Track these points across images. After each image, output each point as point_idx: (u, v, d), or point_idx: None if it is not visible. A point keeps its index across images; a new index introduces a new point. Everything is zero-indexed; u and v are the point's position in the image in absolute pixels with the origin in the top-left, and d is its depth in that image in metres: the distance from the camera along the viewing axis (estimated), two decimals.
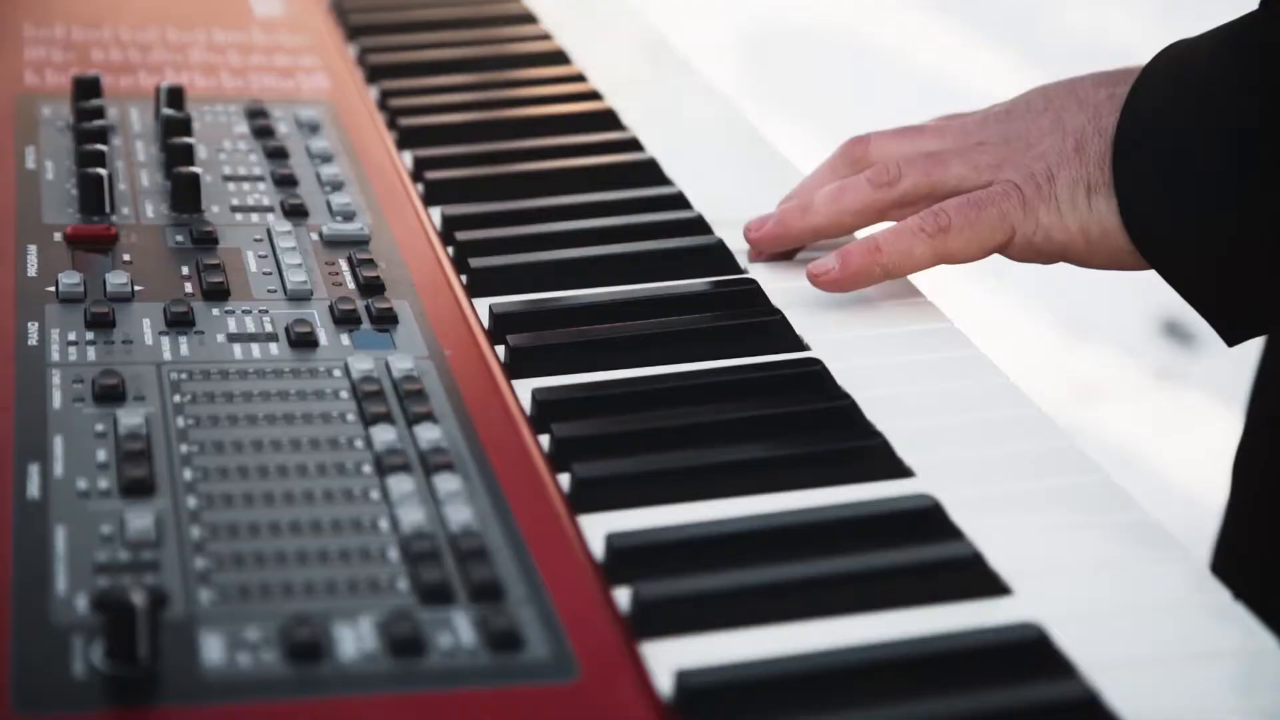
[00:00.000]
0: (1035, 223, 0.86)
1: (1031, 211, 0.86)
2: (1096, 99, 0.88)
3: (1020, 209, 0.86)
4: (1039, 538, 0.70)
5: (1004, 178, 0.87)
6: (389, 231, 0.94)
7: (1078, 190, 0.86)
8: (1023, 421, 0.80)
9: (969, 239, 0.86)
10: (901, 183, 0.89)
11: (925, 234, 0.86)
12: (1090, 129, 0.87)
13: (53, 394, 0.75)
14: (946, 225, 0.86)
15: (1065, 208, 0.86)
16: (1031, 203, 0.86)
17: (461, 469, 0.72)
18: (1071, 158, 0.86)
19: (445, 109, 1.14)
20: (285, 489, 0.70)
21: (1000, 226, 0.86)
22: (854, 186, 0.90)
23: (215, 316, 0.83)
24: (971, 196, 0.87)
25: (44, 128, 1.03)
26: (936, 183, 0.89)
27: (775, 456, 0.75)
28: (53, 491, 0.68)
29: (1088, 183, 0.86)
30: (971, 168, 0.89)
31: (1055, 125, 0.88)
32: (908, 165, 0.89)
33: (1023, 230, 0.87)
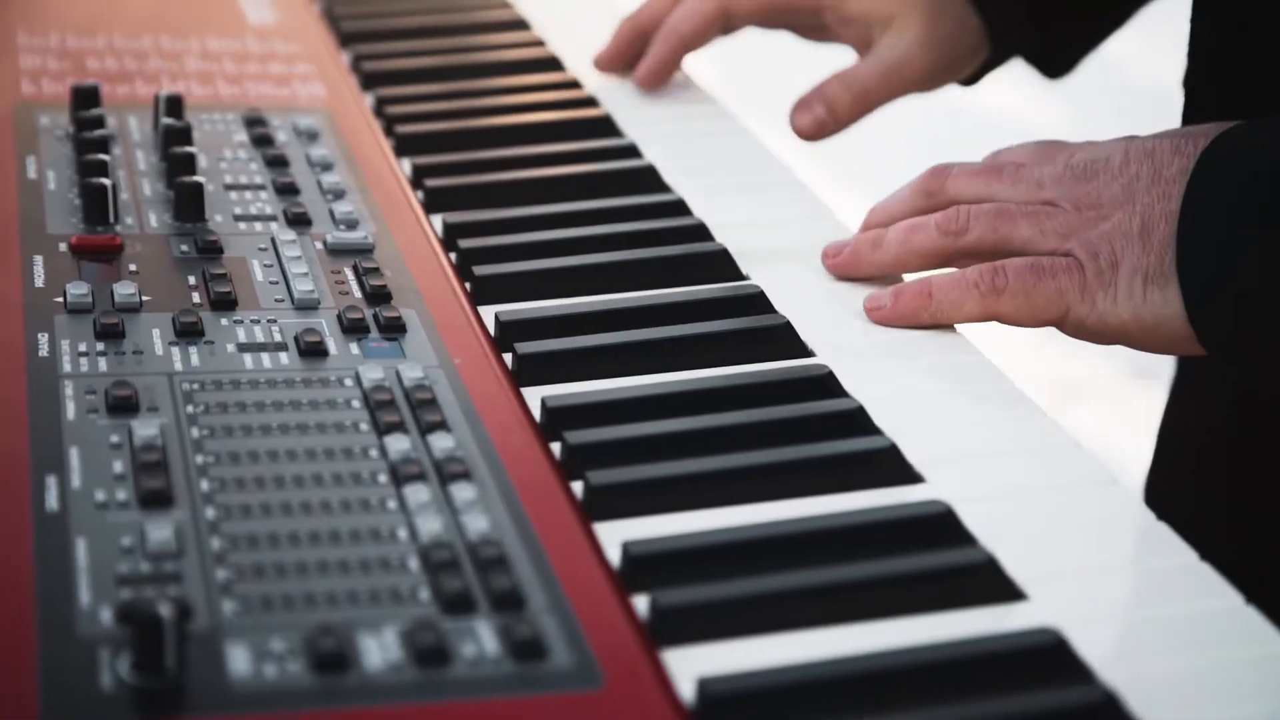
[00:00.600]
0: (1091, 306, 0.86)
1: (1090, 295, 0.86)
2: (1170, 172, 0.86)
3: (1079, 291, 0.86)
4: (1050, 542, 0.71)
5: (1070, 249, 0.86)
6: (392, 240, 0.94)
7: (1136, 279, 0.85)
8: (1027, 424, 0.80)
9: (1021, 306, 0.86)
10: (969, 235, 0.90)
11: (979, 291, 0.87)
12: (1158, 210, 0.85)
13: (66, 405, 0.75)
14: (1003, 287, 0.86)
15: (1122, 296, 0.85)
16: (1091, 286, 0.85)
17: (477, 478, 0.72)
18: (1136, 242, 0.85)
19: (441, 116, 1.15)
20: (302, 499, 0.70)
21: (1056, 303, 0.86)
22: (924, 229, 0.91)
23: (224, 326, 0.83)
24: (1035, 263, 0.87)
25: (43, 137, 1.03)
26: (1003, 240, 0.89)
27: (786, 462, 0.75)
28: (71, 503, 0.69)
29: (1146, 272, 0.84)
30: (1039, 231, 0.88)
31: (1127, 197, 0.86)
32: (977, 217, 0.90)
33: (1076, 311, 0.86)
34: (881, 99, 1.14)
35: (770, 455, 0.76)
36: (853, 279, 0.94)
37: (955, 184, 0.94)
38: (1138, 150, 0.88)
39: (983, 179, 0.93)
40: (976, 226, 0.90)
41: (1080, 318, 0.86)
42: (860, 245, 0.93)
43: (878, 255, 0.92)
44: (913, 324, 0.89)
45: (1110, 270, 0.85)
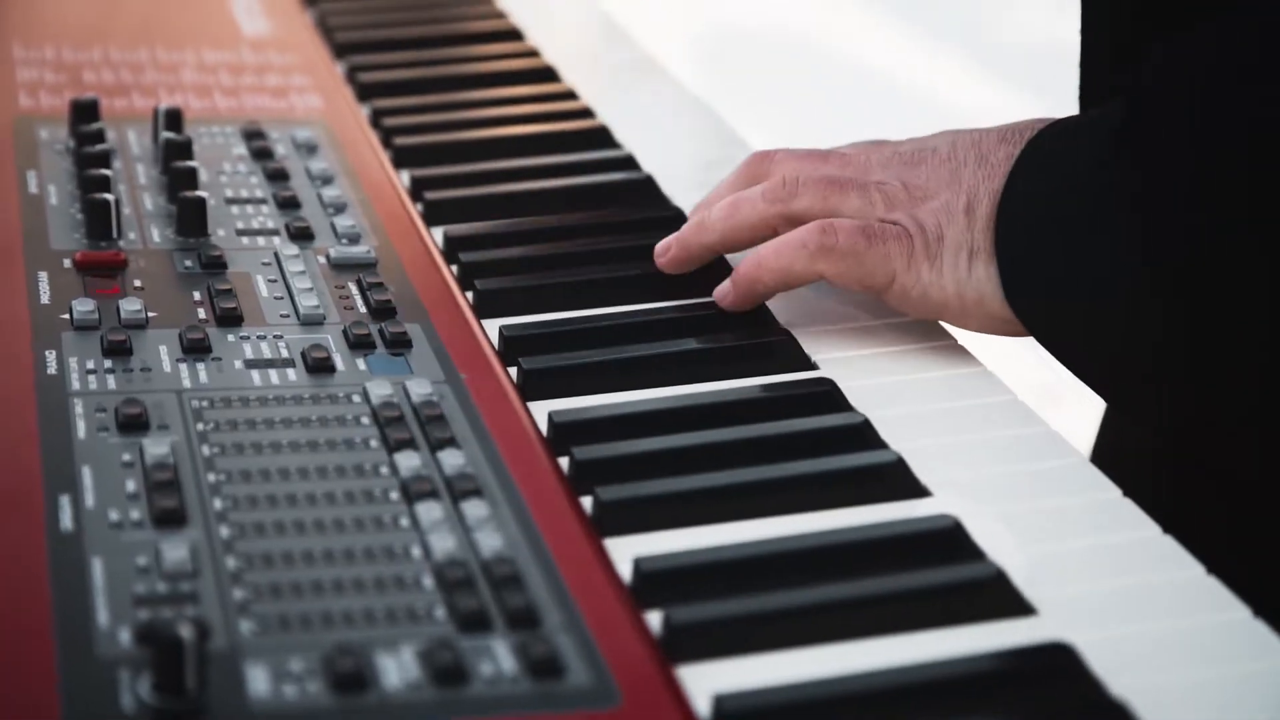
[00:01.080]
0: (916, 277, 0.86)
1: (916, 266, 0.86)
2: (996, 158, 0.87)
3: (906, 259, 0.86)
4: (1057, 554, 0.71)
5: (899, 219, 0.87)
6: (394, 253, 0.94)
7: (960, 253, 0.86)
8: (1033, 439, 0.81)
9: (850, 267, 0.86)
10: (796, 201, 0.89)
11: (808, 250, 0.86)
12: (983, 189, 0.86)
13: (77, 424, 0.76)
14: (833, 246, 0.86)
15: (947, 269, 0.86)
16: (918, 257, 0.86)
17: (488, 494, 0.73)
18: (960, 217, 0.86)
19: (439, 128, 1.15)
20: (315, 517, 0.70)
21: (884, 268, 0.86)
22: (749, 200, 0.90)
23: (231, 343, 0.84)
24: (867, 225, 0.87)
25: (43, 151, 1.04)
26: (831, 207, 0.88)
27: (794, 476, 0.76)
28: (86, 523, 0.69)
29: (970, 248, 0.85)
30: (868, 202, 0.88)
31: (954, 179, 0.87)
32: (805, 185, 0.89)
33: (902, 280, 0.86)
34: None
35: (778, 470, 0.76)
36: (689, 270, 0.92)
37: (781, 164, 0.93)
38: (964, 140, 0.89)
39: (812, 160, 0.92)
40: (805, 193, 0.89)
41: (905, 287, 0.87)
42: (685, 233, 0.92)
43: (704, 237, 0.91)
44: (755, 299, 0.88)
45: (936, 243, 0.86)
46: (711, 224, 0.91)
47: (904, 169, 0.90)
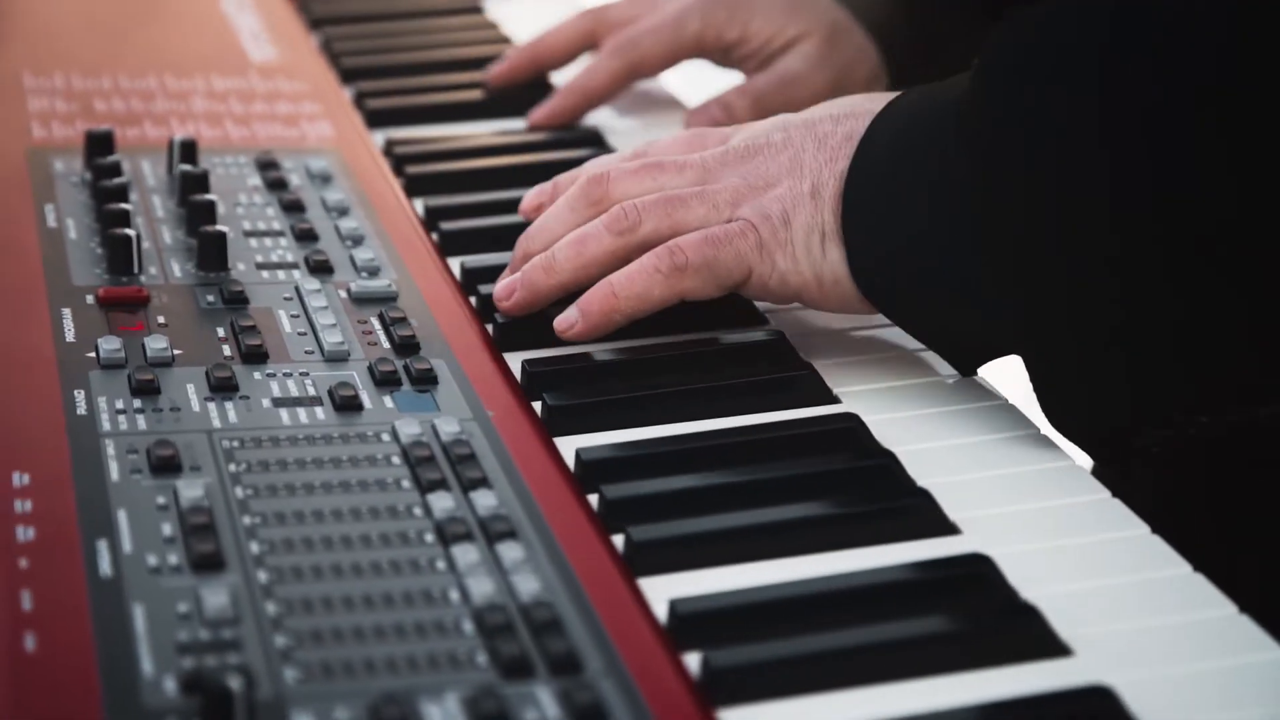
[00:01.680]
0: (772, 265, 0.87)
1: (768, 254, 0.87)
2: (835, 140, 0.88)
3: (757, 250, 0.87)
4: (1089, 592, 0.72)
5: (743, 215, 0.88)
6: (414, 286, 0.95)
7: (812, 236, 0.87)
8: (1057, 474, 0.81)
9: (706, 279, 0.87)
10: (642, 227, 0.89)
11: (661, 274, 0.87)
12: (827, 172, 0.87)
13: (110, 466, 0.76)
14: (684, 264, 0.87)
15: (800, 253, 0.87)
16: (768, 245, 0.87)
17: (522, 536, 0.73)
18: (807, 202, 0.87)
19: (449, 155, 1.15)
20: (353, 561, 0.71)
21: (737, 266, 0.87)
22: (595, 236, 0.90)
23: (258, 380, 0.84)
24: (709, 234, 0.88)
25: (59, 184, 1.04)
26: (677, 224, 0.89)
27: (824, 515, 0.76)
28: (125, 568, 0.69)
29: (822, 229, 0.87)
30: (711, 206, 0.89)
31: (794, 165, 0.88)
32: (647, 209, 0.90)
33: (759, 271, 0.88)
34: (778, 109, 1.15)
35: (808, 509, 0.77)
36: (534, 312, 0.92)
37: (619, 185, 0.93)
38: (797, 125, 0.90)
39: (648, 174, 0.93)
40: (649, 218, 0.90)
41: (763, 277, 0.88)
42: (531, 274, 0.91)
43: (554, 278, 0.91)
44: (608, 328, 0.89)
45: (784, 228, 0.87)
46: (560, 265, 0.90)
47: (740, 164, 0.90)
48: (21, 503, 0.73)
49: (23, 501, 0.73)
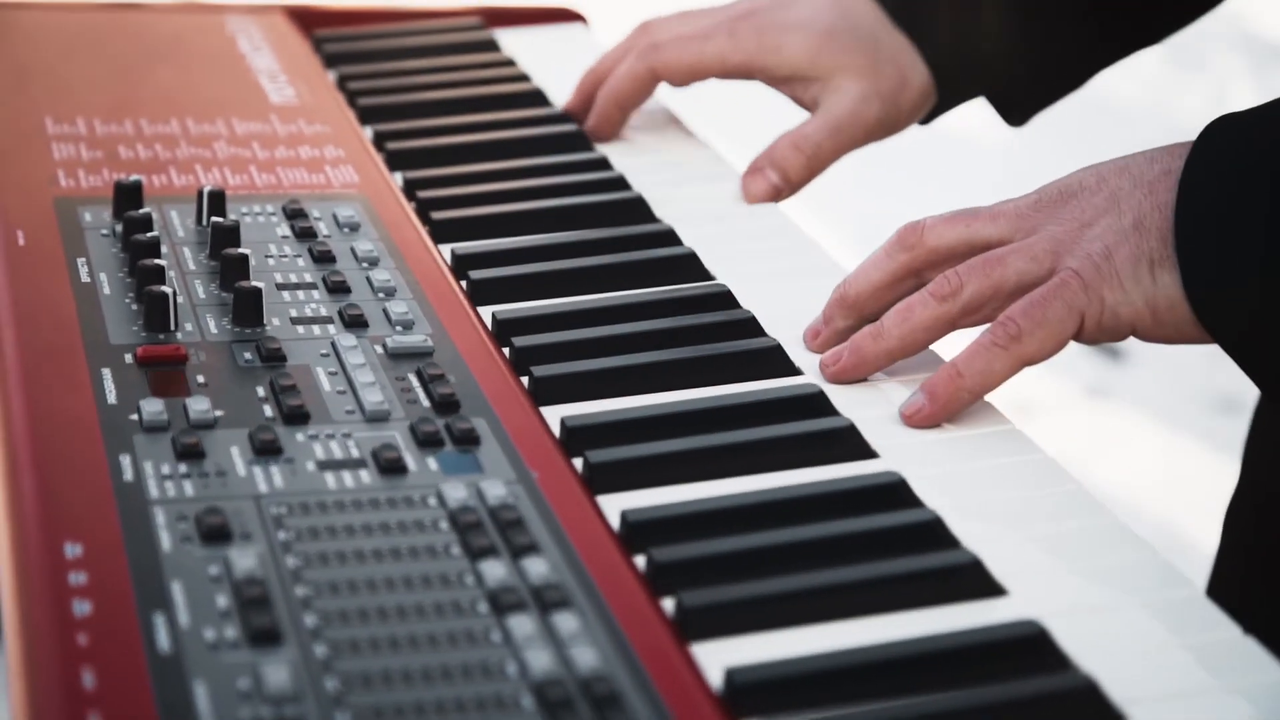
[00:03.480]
0: (1101, 303, 0.88)
1: (1095, 293, 0.88)
2: (1151, 175, 0.89)
3: (1083, 293, 0.88)
4: (1144, 662, 0.72)
5: (1063, 264, 0.89)
6: (449, 340, 0.95)
7: (1140, 266, 0.87)
8: (1101, 530, 0.82)
9: (1043, 339, 0.88)
10: (964, 291, 0.91)
11: (1000, 347, 0.88)
12: (1148, 204, 0.88)
13: (161, 535, 0.76)
14: (1018, 334, 0.88)
15: (1130, 284, 0.88)
16: (1093, 284, 0.88)
17: (575, 604, 0.73)
18: (1130, 234, 0.88)
19: (475, 200, 1.15)
20: (408, 632, 0.71)
21: (1069, 317, 0.88)
22: (920, 303, 0.92)
23: (301, 443, 0.84)
24: (1034, 297, 0.89)
25: (90, 236, 1.04)
26: (999, 283, 0.91)
27: (873, 579, 0.77)
28: (183, 643, 0.69)
29: (1150, 257, 0.87)
30: (1030, 259, 0.90)
31: (1110, 204, 0.90)
32: (967, 273, 0.91)
33: (1090, 314, 0.88)
34: (834, 156, 1.19)
35: (856, 572, 0.77)
36: (861, 379, 0.93)
37: (932, 233, 0.94)
38: (1110, 169, 0.91)
39: (961, 221, 0.94)
40: (970, 281, 0.91)
41: (1095, 318, 0.88)
42: (861, 342, 0.93)
43: (882, 344, 0.92)
44: (958, 409, 0.90)
45: (1106, 263, 0.88)
46: (888, 332, 0.92)
47: (1055, 208, 0.92)
48: (76, 575, 0.73)
49: (77, 574, 0.73)
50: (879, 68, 1.19)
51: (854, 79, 1.19)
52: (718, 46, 1.20)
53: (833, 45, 1.19)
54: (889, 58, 1.20)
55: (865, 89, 1.19)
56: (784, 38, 1.20)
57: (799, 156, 1.18)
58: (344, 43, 1.43)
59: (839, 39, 1.19)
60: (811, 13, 1.20)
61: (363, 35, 1.45)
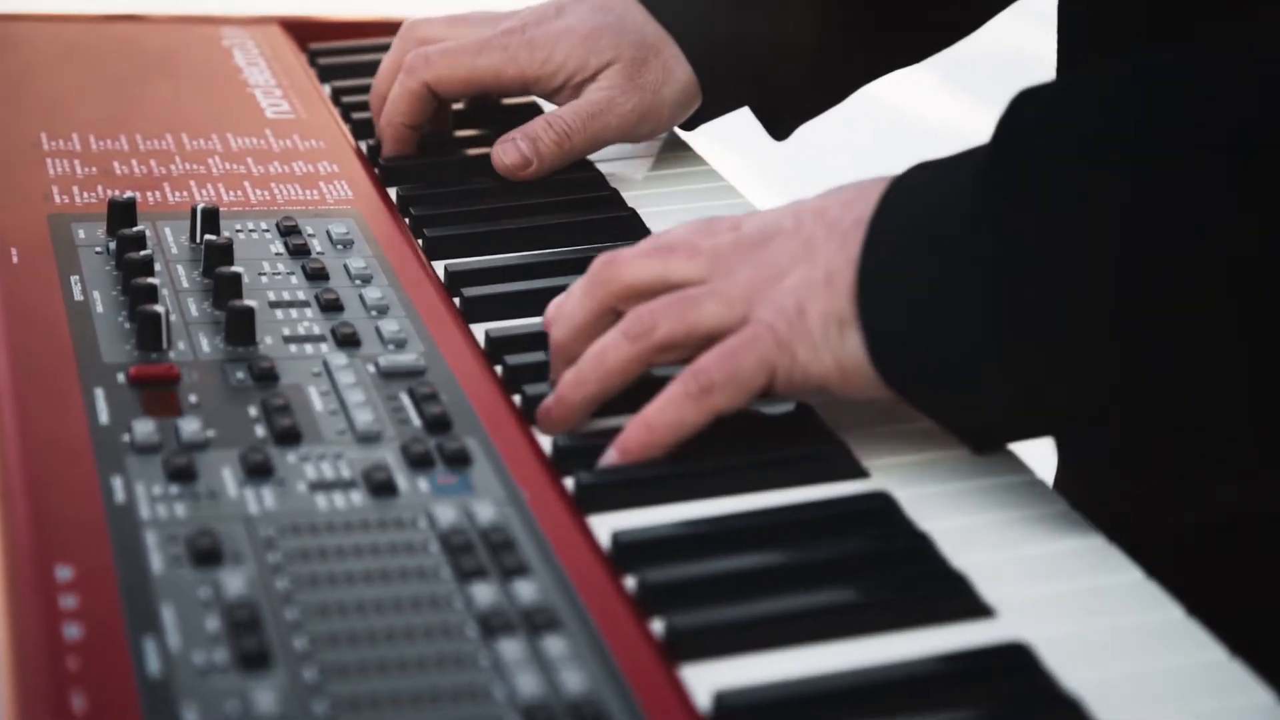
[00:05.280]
0: (792, 359, 0.87)
1: (787, 349, 0.87)
2: (845, 224, 0.88)
3: (775, 349, 0.87)
4: (1130, 685, 0.73)
5: (757, 314, 0.88)
6: (441, 359, 0.95)
7: (830, 324, 0.86)
8: (1086, 552, 0.82)
9: (733, 393, 0.87)
10: (657, 332, 0.90)
11: (691, 398, 0.87)
12: (840, 258, 0.87)
13: (151, 557, 0.76)
14: (709, 385, 0.87)
15: (820, 342, 0.86)
16: (786, 340, 0.87)
17: (564, 626, 0.74)
18: (822, 290, 0.87)
19: (469, 217, 1.16)
20: (398, 656, 0.71)
21: (760, 370, 0.87)
22: (613, 345, 0.90)
23: (292, 463, 0.84)
24: (726, 347, 0.87)
25: (83, 253, 1.04)
26: (692, 326, 0.89)
27: (860, 600, 0.77)
28: (173, 667, 0.70)
29: (840, 316, 0.86)
30: (724, 304, 0.89)
31: (805, 253, 0.88)
32: (661, 312, 0.90)
33: (782, 368, 0.87)
34: (584, 140, 1.21)
35: (844, 594, 0.77)
36: (573, 428, 0.92)
37: (627, 268, 0.93)
38: (808, 211, 0.90)
39: (658, 257, 0.93)
40: (664, 322, 0.90)
41: (787, 373, 0.87)
42: (564, 391, 0.91)
43: (583, 391, 0.91)
44: (651, 457, 0.88)
45: (799, 318, 0.87)
46: (586, 377, 0.91)
47: (751, 251, 0.90)
48: (66, 598, 0.73)
49: (68, 597, 0.73)
50: (643, 61, 1.21)
51: (615, 71, 1.21)
52: (490, 61, 1.21)
53: (599, 44, 1.21)
54: (653, 52, 1.22)
55: (624, 80, 1.21)
56: (554, 46, 1.21)
57: (550, 132, 1.19)
58: (339, 56, 1.44)
59: (605, 37, 1.21)
60: (578, 19, 1.22)
61: (358, 48, 1.45)
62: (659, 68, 1.22)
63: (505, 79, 1.22)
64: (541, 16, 1.23)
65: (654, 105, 1.22)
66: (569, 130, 1.20)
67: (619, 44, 1.21)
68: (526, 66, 1.22)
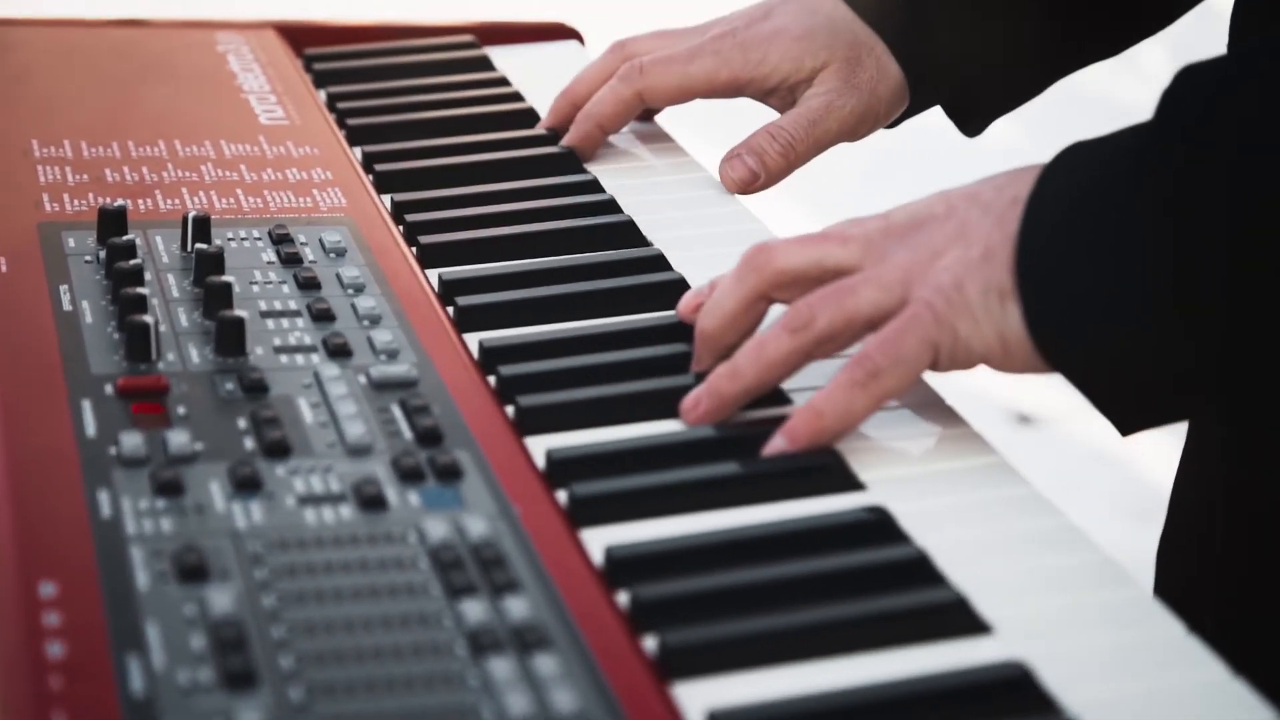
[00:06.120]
0: (954, 336, 0.87)
1: (948, 326, 0.87)
2: (1000, 204, 0.88)
3: (936, 327, 0.87)
4: (1131, 704, 0.71)
5: (915, 295, 0.88)
6: (434, 369, 0.94)
7: (990, 297, 0.86)
8: (1088, 567, 0.81)
9: (900, 375, 0.87)
10: (817, 323, 0.89)
11: (858, 385, 0.87)
12: (997, 235, 0.87)
13: (137, 574, 0.75)
14: (875, 370, 0.87)
15: (981, 315, 0.86)
16: (945, 317, 0.87)
17: (555, 644, 0.72)
18: (980, 266, 0.87)
19: (464, 224, 1.15)
20: (386, 675, 0.70)
21: (925, 350, 0.87)
22: (773, 338, 0.90)
23: (281, 477, 0.83)
24: (888, 332, 0.87)
25: (73, 262, 1.03)
26: (851, 314, 0.89)
27: (856, 616, 0.76)
28: (157, 687, 0.68)
29: (1000, 289, 0.86)
30: (881, 289, 0.89)
31: (960, 234, 0.88)
32: (819, 304, 0.89)
33: (945, 345, 0.87)
34: (808, 148, 1.20)
35: (840, 610, 0.76)
36: (719, 420, 0.91)
37: (781, 254, 0.92)
38: (959, 196, 0.90)
39: (812, 243, 0.92)
40: (822, 313, 0.89)
41: (950, 350, 0.87)
42: (718, 384, 0.91)
43: (739, 383, 0.90)
44: (820, 445, 0.88)
45: (958, 294, 0.86)
46: (743, 370, 0.90)
47: (905, 236, 0.90)
48: (50, 615, 0.72)
49: (51, 614, 0.72)
50: (857, 60, 1.21)
51: (831, 74, 1.21)
52: (703, 66, 1.21)
53: (814, 45, 1.21)
54: (866, 50, 1.22)
55: (841, 82, 1.21)
56: (767, 48, 1.21)
57: (774, 144, 1.19)
58: (334, 62, 1.42)
59: (819, 38, 1.21)
60: (789, 20, 1.22)
61: (354, 54, 1.44)
62: (873, 66, 1.22)
63: (718, 83, 1.22)
64: (751, 19, 1.23)
65: (871, 105, 1.22)
66: (793, 140, 1.20)
67: (833, 44, 1.21)
68: (740, 70, 1.21)
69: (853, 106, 1.21)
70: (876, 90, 1.22)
